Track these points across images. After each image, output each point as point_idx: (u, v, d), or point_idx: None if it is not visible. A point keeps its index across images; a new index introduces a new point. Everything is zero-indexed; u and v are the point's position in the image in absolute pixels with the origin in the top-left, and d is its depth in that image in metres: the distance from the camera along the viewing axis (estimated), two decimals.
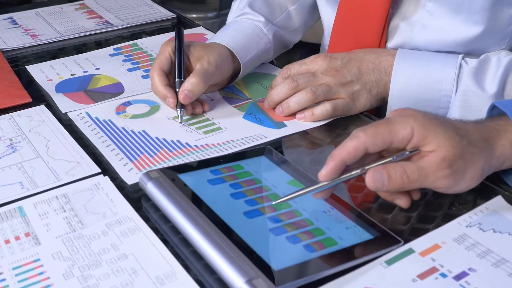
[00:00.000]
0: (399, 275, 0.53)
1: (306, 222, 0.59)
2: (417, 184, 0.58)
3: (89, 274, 0.55)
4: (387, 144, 0.58)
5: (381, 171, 0.57)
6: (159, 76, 0.82)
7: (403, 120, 0.59)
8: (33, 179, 0.70)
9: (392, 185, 0.57)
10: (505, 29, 0.80)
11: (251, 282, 0.50)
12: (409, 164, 0.58)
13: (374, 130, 0.58)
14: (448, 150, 0.57)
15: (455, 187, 0.59)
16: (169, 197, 0.62)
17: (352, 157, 0.57)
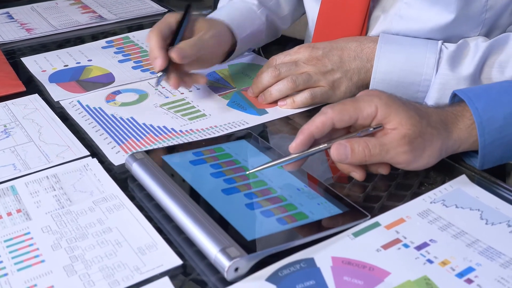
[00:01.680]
0: (364, 246, 0.57)
1: (280, 199, 0.63)
2: (378, 158, 0.62)
3: (76, 246, 0.58)
4: (353, 120, 0.63)
5: (345, 145, 0.62)
6: (156, 37, 0.82)
7: (368, 99, 0.63)
8: (25, 161, 0.73)
9: (355, 158, 0.62)
10: (479, 17, 0.84)
11: (225, 250, 0.53)
12: (372, 140, 0.62)
13: (341, 107, 0.63)
14: (408, 128, 0.62)
15: (413, 164, 0.64)
16: (153, 176, 0.65)
17: (320, 131, 0.62)
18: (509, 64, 0.81)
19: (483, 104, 0.67)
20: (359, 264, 0.55)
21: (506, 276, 0.53)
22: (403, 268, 0.54)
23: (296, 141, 0.62)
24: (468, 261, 0.55)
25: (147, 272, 0.55)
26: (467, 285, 0.52)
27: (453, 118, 0.67)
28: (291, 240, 0.56)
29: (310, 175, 0.67)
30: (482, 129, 0.66)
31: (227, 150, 0.72)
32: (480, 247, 0.56)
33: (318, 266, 0.55)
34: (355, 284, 0.52)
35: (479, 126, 0.66)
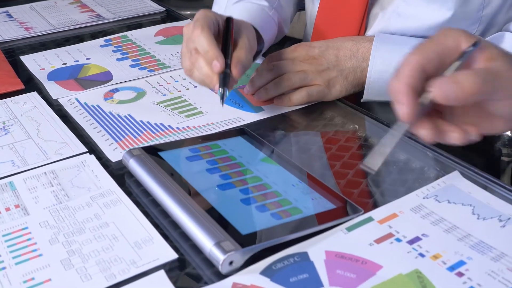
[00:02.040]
0: (357, 240, 0.58)
1: (275, 194, 0.63)
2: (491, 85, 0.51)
3: (73, 240, 0.59)
4: (440, 57, 0.54)
5: (448, 80, 0.51)
6: (209, 33, 0.73)
7: (445, 33, 0.55)
8: (24, 158, 0.74)
9: (466, 91, 0.50)
10: (476, 14, 0.85)
11: (220, 244, 0.54)
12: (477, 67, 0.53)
13: (420, 48, 0.54)
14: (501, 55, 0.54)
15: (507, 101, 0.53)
16: (149, 171, 0.66)
17: (415, 80, 0.52)
18: None
19: None
20: (352, 258, 0.56)
21: (497, 270, 0.53)
22: (395, 261, 0.55)
23: (405, 106, 0.52)
24: (459, 255, 0.55)
25: (143, 265, 0.55)
26: (458, 278, 0.53)
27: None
28: (285, 234, 0.57)
29: (304, 170, 0.68)
30: None
31: (223, 147, 0.73)
32: (471, 241, 0.57)
33: (311, 260, 0.55)
34: (348, 277, 0.53)
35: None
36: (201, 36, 0.73)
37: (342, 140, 0.79)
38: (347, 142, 0.78)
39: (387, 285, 0.52)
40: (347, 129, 0.82)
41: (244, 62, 0.75)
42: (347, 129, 0.82)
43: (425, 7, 0.86)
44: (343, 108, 0.87)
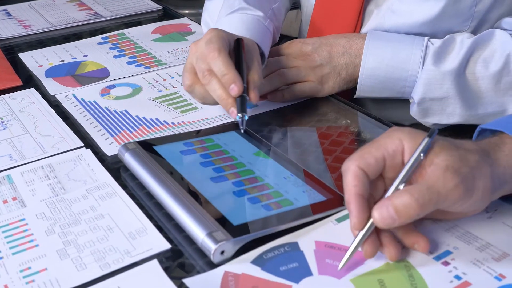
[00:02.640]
0: (347, 231, 0.59)
1: (267, 186, 0.65)
2: (430, 206, 0.51)
3: (69, 231, 0.61)
4: (380, 162, 0.54)
5: (386, 205, 0.51)
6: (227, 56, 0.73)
7: (388, 134, 0.56)
8: (21, 152, 0.76)
9: (403, 216, 0.51)
10: (468, 11, 0.86)
11: (211, 234, 0.56)
12: (414, 187, 0.51)
13: (359, 153, 0.55)
14: (446, 158, 0.52)
15: (465, 201, 0.52)
16: (144, 165, 0.68)
17: (362, 186, 0.53)
18: (494, 59, 0.83)
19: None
20: (341, 248, 0.57)
21: (481, 259, 0.55)
22: None
23: (352, 215, 0.53)
24: (446, 245, 0.57)
25: (137, 255, 0.57)
26: (444, 267, 0.54)
27: (493, 146, 0.56)
28: (276, 225, 0.58)
29: (296, 164, 0.69)
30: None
31: (216, 141, 0.74)
32: (458, 232, 0.58)
33: (301, 250, 0.57)
34: (336, 266, 0.54)
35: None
36: (218, 59, 0.72)
37: (334, 135, 0.80)
38: (339, 137, 0.80)
39: (374, 273, 0.54)
40: (340, 124, 0.83)
41: (259, 85, 0.76)
42: (340, 124, 0.83)
43: (419, 5, 0.87)
44: (336, 104, 0.88)
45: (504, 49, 0.82)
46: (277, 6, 0.99)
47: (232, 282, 0.53)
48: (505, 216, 0.60)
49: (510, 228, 0.59)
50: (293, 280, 0.53)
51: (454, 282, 0.52)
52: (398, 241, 0.55)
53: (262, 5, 0.93)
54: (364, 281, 0.53)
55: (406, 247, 0.56)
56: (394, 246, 0.54)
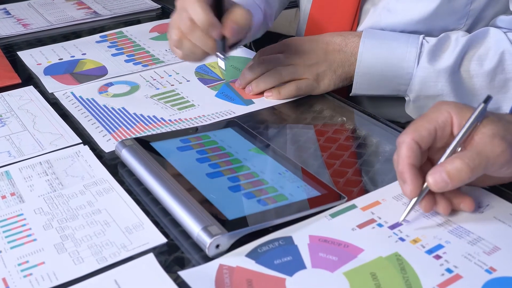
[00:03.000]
0: (340, 226, 0.60)
1: (262, 182, 0.65)
2: (480, 170, 0.55)
3: (66, 226, 0.61)
4: (432, 133, 0.58)
5: (439, 170, 0.56)
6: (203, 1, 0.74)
7: (436, 108, 0.60)
8: (20, 149, 0.76)
9: (456, 180, 0.55)
10: (464, 9, 0.87)
11: (207, 229, 0.56)
12: (465, 153, 0.56)
13: (413, 127, 0.59)
14: (492, 127, 0.56)
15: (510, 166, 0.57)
16: (141, 161, 0.68)
17: (415, 157, 0.57)
18: (488, 57, 0.84)
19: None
20: (335, 242, 0.58)
21: (473, 252, 0.56)
22: (376, 245, 0.57)
23: (409, 184, 0.57)
24: (438, 239, 0.58)
25: (133, 249, 0.58)
26: (435, 260, 0.55)
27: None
28: (270, 220, 0.59)
29: (291, 160, 0.70)
30: None
31: (213, 138, 0.75)
32: (450, 226, 0.59)
33: (295, 244, 0.58)
34: (330, 259, 0.55)
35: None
36: (195, 5, 0.73)
37: (330, 132, 0.81)
38: (335, 134, 0.80)
39: (367, 267, 0.54)
40: (336, 121, 0.84)
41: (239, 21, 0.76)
42: (336, 121, 0.84)
43: (414, 4, 0.88)
44: (332, 101, 0.89)
45: (498, 47, 0.83)
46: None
47: (226, 274, 0.54)
48: (497, 211, 0.61)
49: (501, 223, 0.60)
50: (287, 273, 0.54)
51: (446, 275, 0.53)
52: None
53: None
54: (357, 274, 0.54)
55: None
56: (446, 201, 0.59)
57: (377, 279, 0.53)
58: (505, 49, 0.83)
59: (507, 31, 0.86)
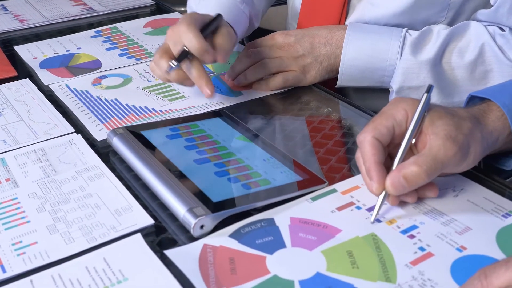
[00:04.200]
0: (320, 208, 0.63)
1: (247, 167, 0.68)
2: (435, 173, 0.59)
3: (59, 209, 0.64)
4: (391, 130, 0.61)
5: (397, 175, 0.58)
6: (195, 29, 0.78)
7: (393, 105, 0.62)
8: (15, 138, 0.79)
9: (412, 183, 0.58)
10: (444, 1, 0.90)
11: (192, 210, 0.59)
12: (419, 157, 0.58)
13: (372, 125, 0.61)
14: (444, 128, 0.59)
15: (460, 164, 0.60)
16: (131, 148, 0.71)
17: (379, 154, 0.60)
18: (469, 49, 0.87)
19: (508, 98, 0.65)
20: (314, 223, 0.60)
21: (445, 232, 0.58)
22: (353, 226, 0.60)
23: (375, 182, 0.59)
24: (413, 220, 0.60)
25: (122, 230, 0.60)
26: (409, 240, 0.58)
27: (481, 112, 0.64)
28: (253, 202, 0.62)
29: (276, 147, 0.73)
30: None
31: (201, 126, 0.78)
32: (425, 208, 0.62)
33: (277, 225, 0.60)
34: (309, 239, 0.58)
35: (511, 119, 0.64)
36: (188, 32, 0.77)
37: (316, 122, 0.84)
38: (320, 124, 0.83)
39: (344, 246, 0.57)
40: (322, 112, 0.86)
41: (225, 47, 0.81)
42: (322, 112, 0.86)
43: None
44: (319, 93, 0.92)
45: (478, 39, 0.86)
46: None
47: (210, 253, 0.57)
48: (470, 194, 0.64)
49: (474, 205, 0.62)
50: (267, 252, 0.57)
51: (418, 253, 0.56)
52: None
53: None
54: (334, 252, 0.56)
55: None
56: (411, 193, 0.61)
57: (353, 257, 0.56)
58: (485, 42, 0.86)
59: (487, 24, 0.88)
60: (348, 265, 0.55)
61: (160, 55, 0.81)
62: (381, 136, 0.60)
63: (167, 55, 0.81)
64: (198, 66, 0.79)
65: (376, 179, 0.59)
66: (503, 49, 0.85)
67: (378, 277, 0.53)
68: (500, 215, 0.60)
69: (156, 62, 0.82)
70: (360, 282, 0.53)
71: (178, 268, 0.55)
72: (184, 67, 0.80)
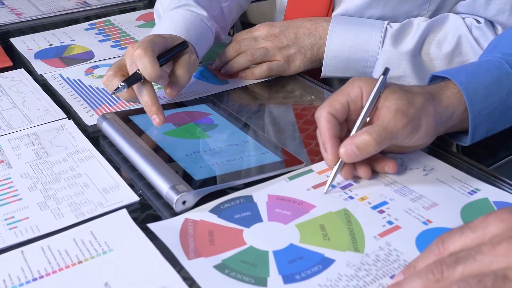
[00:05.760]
0: (297, 187, 0.66)
1: (229, 149, 0.72)
2: (385, 142, 0.62)
3: (49, 187, 0.68)
4: (345, 106, 0.65)
5: (349, 143, 0.62)
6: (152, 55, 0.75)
7: (349, 83, 0.66)
8: (10, 123, 0.83)
9: (364, 152, 0.62)
10: None
11: (174, 187, 0.63)
12: (372, 127, 0.62)
13: (328, 101, 0.65)
14: (396, 102, 0.63)
15: (413, 137, 0.64)
16: (119, 131, 0.75)
17: (334, 128, 0.64)
18: (446, 41, 0.90)
19: (464, 77, 0.68)
20: (290, 200, 0.64)
21: (413, 208, 0.62)
22: (327, 202, 0.63)
23: (329, 154, 0.63)
24: (383, 197, 0.64)
25: (109, 206, 0.64)
26: (379, 214, 0.61)
27: (437, 89, 0.67)
28: (233, 180, 0.65)
29: (257, 130, 0.76)
30: (470, 99, 0.66)
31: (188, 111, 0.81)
32: (396, 186, 0.66)
33: (255, 202, 0.64)
34: (285, 214, 0.62)
35: (467, 96, 0.66)
36: (144, 58, 0.74)
37: (299, 109, 0.87)
38: (303, 111, 0.87)
39: (317, 220, 0.61)
40: (305, 100, 0.90)
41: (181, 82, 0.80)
42: (305, 100, 0.90)
43: None
44: (303, 82, 0.96)
45: (455, 31, 0.90)
46: (227, 4, 1.01)
47: (191, 227, 0.60)
48: (440, 173, 0.67)
49: (442, 183, 0.66)
50: (244, 225, 0.60)
51: (386, 226, 0.59)
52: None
53: (211, 3, 0.96)
54: (307, 226, 0.60)
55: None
56: (365, 167, 0.66)
57: (325, 230, 0.59)
58: (462, 34, 0.89)
59: (465, 16, 0.92)
60: (320, 237, 0.58)
61: (114, 73, 0.79)
62: (336, 112, 0.64)
63: (120, 73, 0.79)
64: (150, 91, 0.76)
65: (330, 151, 0.63)
66: (479, 41, 0.89)
67: (348, 247, 0.57)
68: (466, 192, 0.64)
69: (108, 78, 0.80)
70: (330, 252, 0.56)
71: (161, 240, 0.59)
72: (135, 89, 0.77)
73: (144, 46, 0.75)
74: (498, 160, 1.15)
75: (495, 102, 0.68)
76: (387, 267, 0.54)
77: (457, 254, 0.47)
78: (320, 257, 0.55)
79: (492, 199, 0.63)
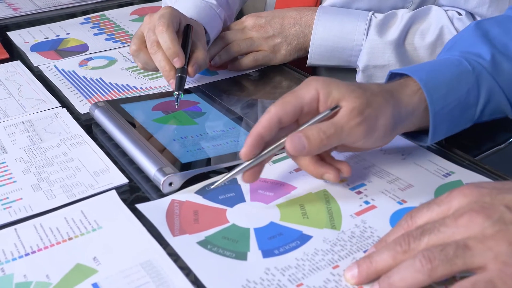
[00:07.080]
0: (280, 170, 0.69)
1: (215, 134, 0.75)
2: (335, 139, 0.59)
3: (43, 171, 0.70)
4: (298, 109, 0.61)
5: (298, 135, 0.59)
6: (173, 32, 0.83)
7: (306, 85, 0.62)
8: (5, 111, 0.85)
9: (312, 145, 0.59)
10: None
11: (162, 169, 0.66)
12: (324, 123, 0.60)
13: (281, 101, 0.61)
14: (354, 101, 0.60)
15: (370, 137, 0.61)
16: (111, 118, 0.78)
17: (267, 130, 0.60)
18: (429, 32, 0.93)
19: (424, 74, 0.66)
20: (273, 182, 0.67)
21: (390, 189, 0.65)
22: (307, 184, 0.66)
23: (245, 146, 0.60)
24: (362, 179, 0.67)
25: (99, 188, 0.67)
26: (357, 195, 0.64)
27: (397, 86, 0.65)
28: (218, 164, 0.68)
29: (242, 117, 0.79)
30: (431, 96, 0.64)
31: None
32: (374, 169, 0.68)
33: (239, 184, 0.67)
34: (266, 195, 0.64)
35: (427, 93, 0.64)
36: (165, 33, 0.82)
37: None
38: None
39: (297, 200, 0.64)
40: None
41: (200, 63, 0.86)
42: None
43: None
44: (290, 72, 0.98)
45: (438, 22, 0.93)
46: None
47: (177, 207, 0.63)
48: (417, 157, 0.70)
49: (419, 166, 0.69)
50: (228, 205, 0.63)
51: (363, 206, 0.62)
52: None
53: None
54: (288, 206, 0.63)
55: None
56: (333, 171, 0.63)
57: (304, 209, 0.62)
58: (444, 25, 0.92)
59: (448, 9, 0.95)
60: (299, 215, 0.61)
61: (137, 47, 0.87)
62: (285, 114, 0.60)
63: (144, 45, 0.87)
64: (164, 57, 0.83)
65: (247, 144, 0.60)
66: None
67: (325, 225, 0.60)
68: (441, 174, 0.67)
69: (133, 54, 0.88)
70: (308, 229, 0.59)
71: (148, 220, 0.62)
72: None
73: (166, 22, 0.83)
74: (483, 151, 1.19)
75: (456, 100, 0.66)
76: (361, 242, 0.57)
77: (423, 227, 0.50)
78: (299, 234, 0.58)
79: (465, 181, 0.66)
